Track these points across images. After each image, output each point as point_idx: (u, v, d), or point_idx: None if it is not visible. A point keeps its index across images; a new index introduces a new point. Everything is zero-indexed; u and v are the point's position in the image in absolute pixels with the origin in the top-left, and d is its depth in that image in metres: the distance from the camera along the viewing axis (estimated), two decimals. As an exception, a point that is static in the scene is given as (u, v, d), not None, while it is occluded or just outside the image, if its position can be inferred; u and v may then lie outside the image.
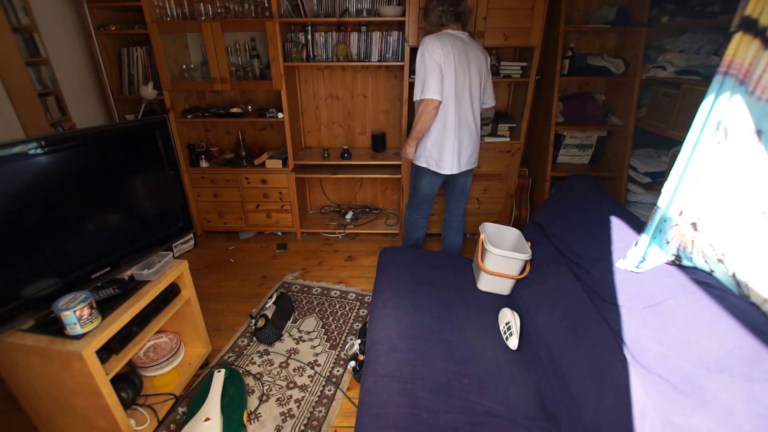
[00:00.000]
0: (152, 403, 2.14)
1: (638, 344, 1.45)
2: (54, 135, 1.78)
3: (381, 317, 2.06)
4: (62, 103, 3.49)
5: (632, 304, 1.55)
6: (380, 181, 4.32)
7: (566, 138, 3.61)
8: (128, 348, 1.89)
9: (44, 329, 1.67)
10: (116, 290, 1.93)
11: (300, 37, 3.47)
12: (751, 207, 1.21)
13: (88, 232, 1.83)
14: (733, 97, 1.23)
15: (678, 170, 1.44)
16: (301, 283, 3.31)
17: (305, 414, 2.15)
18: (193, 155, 3.76)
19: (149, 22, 3.27)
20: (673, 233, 1.50)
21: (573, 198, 2.31)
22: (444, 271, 2.44)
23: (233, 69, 3.51)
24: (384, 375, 1.71)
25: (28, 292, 1.62)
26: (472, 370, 1.77)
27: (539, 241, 2.35)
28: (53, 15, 3.37)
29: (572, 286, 1.93)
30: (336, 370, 2.44)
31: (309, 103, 4.00)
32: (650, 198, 3.18)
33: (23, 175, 1.58)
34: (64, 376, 1.68)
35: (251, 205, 3.88)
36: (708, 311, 1.30)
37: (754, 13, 1.17)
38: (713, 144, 1.31)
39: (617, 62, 3.29)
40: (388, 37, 3.43)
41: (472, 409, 1.60)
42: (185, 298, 2.30)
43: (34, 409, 1.94)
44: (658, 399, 1.30)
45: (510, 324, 1.99)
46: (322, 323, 2.83)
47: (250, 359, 2.51)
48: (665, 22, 2.90)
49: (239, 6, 3.32)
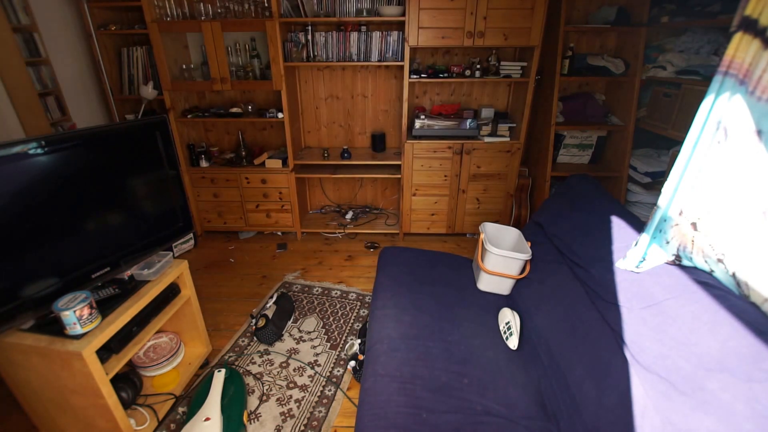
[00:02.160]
0: (152, 402, 2.14)
1: (638, 344, 1.45)
2: (54, 135, 1.77)
3: (381, 317, 2.05)
4: (62, 103, 3.49)
5: (632, 304, 1.55)
6: (380, 181, 4.32)
7: (566, 138, 3.61)
8: (128, 348, 1.89)
9: (44, 329, 1.67)
10: (116, 290, 1.93)
11: (300, 37, 3.47)
12: (751, 207, 1.21)
13: (88, 231, 1.83)
14: (733, 96, 1.23)
15: (678, 170, 1.44)
16: (301, 283, 3.31)
17: (305, 414, 2.15)
18: (193, 155, 3.76)
19: (149, 22, 3.27)
20: (673, 233, 1.50)
21: (573, 198, 2.31)
22: (444, 271, 2.44)
23: (233, 69, 3.51)
24: (384, 375, 1.71)
25: (28, 291, 1.62)
26: (472, 370, 1.77)
27: (539, 241, 2.35)
28: (53, 15, 3.37)
29: (572, 286, 1.93)
30: (336, 370, 2.43)
31: (309, 103, 3.99)
32: (650, 198, 3.18)
33: (23, 175, 1.58)
34: (64, 375, 1.68)
35: (251, 204, 3.88)
36: (708, 311, 1.30)
37: (754, 13, 1.17)
38: (713, 144, 1.31)
39: (617, 62, 3.29)
40: (388, 37, 3.42)
41: (472, 409, 1.59)
42: (185, 298, 2.30)
43: (34, 409, 1.94)
44: (658, 399, 1.30)
45: (510, 324, 1.99)
46: (322, 323, 2.82)
47: (250, 359, 2.51)
48: (665, 22, 2.90)
49: (239, 6, 3.32)
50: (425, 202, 3.83)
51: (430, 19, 3.16)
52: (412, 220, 3.93)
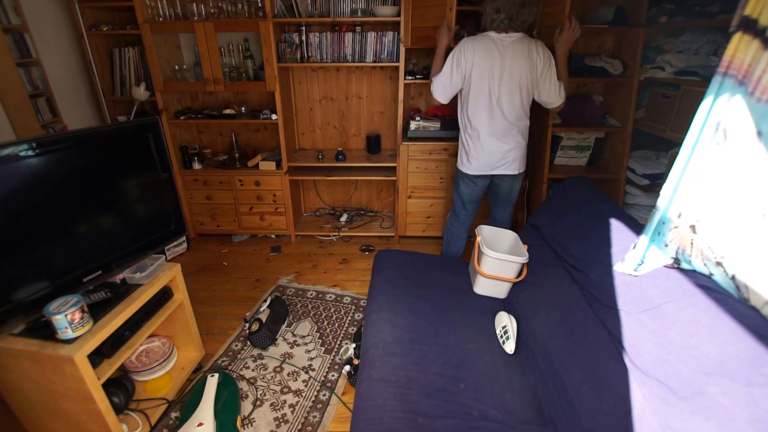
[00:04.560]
0: (145, 408, 2.11)
1: (637, 348, 1.43)
2: (45, 137, 1.77)
3: (376, 321, 2.03)
4: (53, 105, 3.47)
5: (630, 308, 1.53)
6: (375, 183, 4.30)
7: (563, 139, 3.59)
8: (120, 352, 1.87)
9: (35, 333, 1.66)
10: (108, 294, 1.91)
11: (294, 38, 3.45)
12: (751, 209, 1.20)
13: (80, 235, 1.81)
14: (732, 97, 1.22)
15: (677, 172, 1.43)
16: (295, 286, 3.29)
17: (299, 419, 2.12)
18: (186, 157, 3.74)
19: (141, 23, 3.24)
20: (672, 235, 1.48)
21: (570, 200, 2.30)
22: (440, 275, 2.42)
23: (226, 70, 3.49)
24: (379, 379, 1.69)
25: (19, 295, 1.60)
26: (468, 374, 1.75)
27: (536, 243, 2.34)
28: (44, 15, 3.35)
29: (570, 289, 1.91)
30: (331, 374, 2.41)
31: (303, 105, 3.98)
32: (649, 200, 3.17)
33: (13, 178, 1.56)
34: (56, 380, 1.67)
35: (245, 207, 3.85)
36: (707, 315, 1.29)
37: (753, 13, 1.15)
38: (712, 145, 1.30)
39: (615, 63, 3.28)
40: (383, 38, 3.41)
41: (469, 414, 1.58)
42: (178, 302, 2.28)
43: (25, 414, 1.92)
44: (657, 403, 1.29)
45: (507, 328, 1.97)
46: (316, 327, 2.80)
47: (243, 363, 2.48)
48: (664, 22, 2.89)
49: (232, 6, 3.30)
50: (421, 204, 3.81)
51: (426, 19, 3.14)
52: (408, 223, 3.91)
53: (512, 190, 2.89)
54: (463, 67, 2.51)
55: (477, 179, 2.78)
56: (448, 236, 3.13)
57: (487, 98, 2.55)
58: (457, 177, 2.89)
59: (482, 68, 2.49)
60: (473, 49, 2.48)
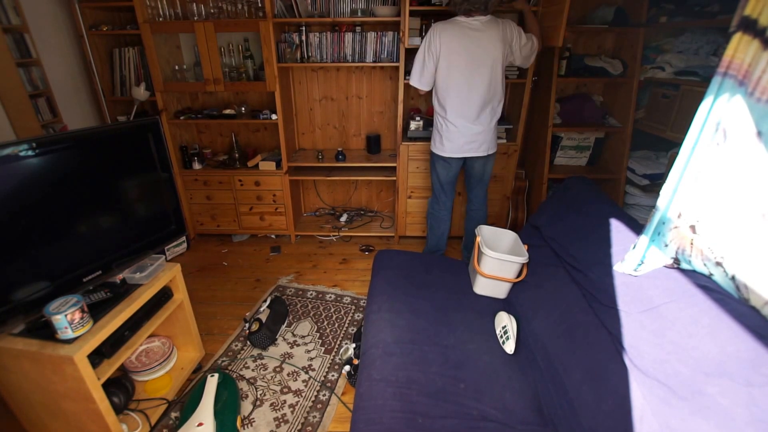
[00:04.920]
0: (144, 408, 2.11)
1: (636, 348, 1.43)
2: (45, 137, 1.76)
3: (376, 321, 2.03)
4: (53, 105, 3.46)
5: (630, 308, 1.53)
6: (375, 183, 4.30)
7: (563, 140, 3.60)
8: (120, 352, 1.87)
9: (35, 333, 1.65)
10: (108, 294, 1.90)
11: (294, 38, 3.45)
12: (751, 209, 1.19)
13: (80, 235, 1.81)
14: (732, 98, 1.22)
15: (677, 172, 1.43)
16: (295, 286, 3.29)
17: (299, 419, 2.12)
18: (186, 157, 3.73)
19: (141, 23, 3.24)
20: (672, 236, 1.48)
21: (570, 200, 2.29)
22: (440, 275, 2.42)
23: (226, 70, 3.48)
24: (379, 379, 1.69)
25: (19, 295, 1.60)
26: (468, 374, 1.75)
27: (536, 244, 2.34)
28: (44, 15, 3.34)
29: (569, 289, 1.91)
30: (331, 374, 2.41)
31: (303, 105, 3.97)
32: (648, 200, 3.17)
33: (14, 178, 1.55)
34: (55, 380, 1.66)
35: (245, 207, 3.85)
36: (707, 315, 1.29)
37: (753, 13, 1.15)
38: (712, 145, 1.30)
39: (615, 63, 3.28)
40: (383, 38, 3.40)
41: (469, 414, 1.58)
42: (178, 302, 2.27)
43: (25, 414, 1.92)
44: (656, 404, 1.29)
45: (506, 328, 1.97)
46: (316, 327, 2.80)
47: (243, 363, 2.48)
48: (664, 22, 2.89)
49: (232, 6, 3.29)
50: (421, 204, 3.80)
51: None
52: (408, 223, 3.91)
53: (485, 171, 3.05)
54: (434, 52, 2.65)
55: (451, 161, 2.93)
56: (431, 220, 3.29)
57: (456, 81, 2.68)
58: (433, 160, 3.04)
59: (451, 51, 2.61)
60: (442, 34, 2.60)
